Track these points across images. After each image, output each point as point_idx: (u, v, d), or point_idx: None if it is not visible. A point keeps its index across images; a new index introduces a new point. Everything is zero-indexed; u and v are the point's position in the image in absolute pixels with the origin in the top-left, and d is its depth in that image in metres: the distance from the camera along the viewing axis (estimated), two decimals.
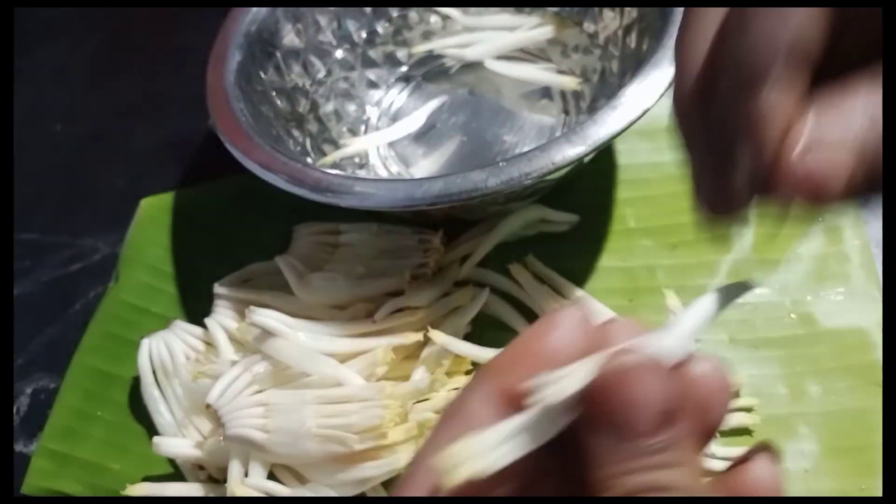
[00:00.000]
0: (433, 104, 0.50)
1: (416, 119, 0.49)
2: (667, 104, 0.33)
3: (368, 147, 0.49)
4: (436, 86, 0.52)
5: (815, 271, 0.39)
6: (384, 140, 0.49)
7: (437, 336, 0.36)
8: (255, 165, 0.38)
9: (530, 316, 0.40)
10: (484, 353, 0.36)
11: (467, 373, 0.37)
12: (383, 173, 0.48)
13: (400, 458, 0.33)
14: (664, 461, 0.14)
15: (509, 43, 0.50)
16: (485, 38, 0.50)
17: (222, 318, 0.40)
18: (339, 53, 0.52)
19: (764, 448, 0.18)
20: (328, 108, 0.51)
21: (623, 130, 0.34)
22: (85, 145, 0.59)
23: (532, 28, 0.49)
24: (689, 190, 0.19)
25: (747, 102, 0.16)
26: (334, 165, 0.47)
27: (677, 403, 0.15)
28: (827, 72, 0.16)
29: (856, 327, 0.36)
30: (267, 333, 0.35)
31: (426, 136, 0.49)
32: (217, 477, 0.37)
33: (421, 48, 0.52)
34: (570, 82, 0.47)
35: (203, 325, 0.40)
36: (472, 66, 0.51)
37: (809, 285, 0.38)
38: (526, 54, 0.51)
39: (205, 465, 0.37)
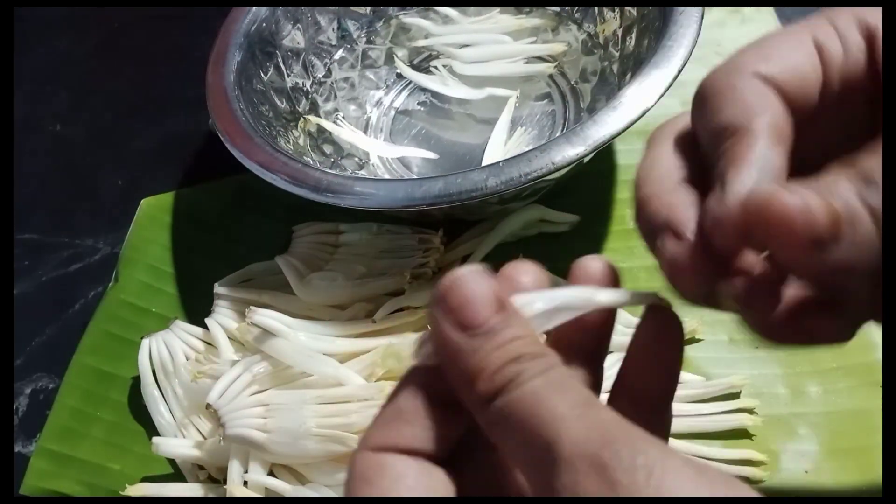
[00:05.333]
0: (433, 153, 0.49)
1: (418, 153, 0.48)
2: (667, 104, 0.33)
3: (353, 140, 0.48)
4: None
5: None
6: (376, 148, 0.49)
7: None
8: (255, 165, 0.38)
9: None
10: None
11: None
12: (383, 173, 0.48)
13: None
14: (510, 335, 0.17)
15: (507, 57, 0.50)
16: (482, 42, 0.50)
17: (222, 318, 0.40)
18: (339, 53, 0.52)
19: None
20: (328, 108, 0.51)
21: (623, 130, 0.34)
22: (85, 145, 0.59)
23: (533, 41, 0.50)
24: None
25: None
26: (335, 160, 0.47)
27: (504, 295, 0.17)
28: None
29: None
30: (267, 333, 0.35)
31: (426, 136, 0.49)
32: (217, 477, 0.37)
33: (420, 43, 0.52)
34: (546, 68, 0.48)
35: (203, 325, 0.40)
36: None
37: None
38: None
39: (205, 465, 0.37)
